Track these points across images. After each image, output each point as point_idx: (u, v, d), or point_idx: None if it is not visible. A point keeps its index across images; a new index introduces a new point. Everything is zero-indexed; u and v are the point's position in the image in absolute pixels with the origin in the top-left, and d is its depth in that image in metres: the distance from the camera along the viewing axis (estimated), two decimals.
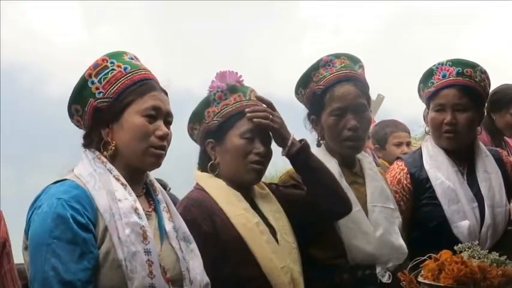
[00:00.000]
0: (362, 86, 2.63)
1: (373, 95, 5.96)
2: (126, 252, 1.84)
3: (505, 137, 4.70)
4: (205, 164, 2.43)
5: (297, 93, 2.72)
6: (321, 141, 2.68)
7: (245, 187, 2.39)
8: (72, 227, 1.83)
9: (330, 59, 2.64)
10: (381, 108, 6.06)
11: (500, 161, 2.94)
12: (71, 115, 2.07)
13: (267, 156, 2.39)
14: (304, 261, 2.42)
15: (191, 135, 2.51)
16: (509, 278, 2.05)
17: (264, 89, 2.58)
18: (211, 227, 2.26)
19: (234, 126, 2.37)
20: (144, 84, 2.02)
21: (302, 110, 2.73)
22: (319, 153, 2.64)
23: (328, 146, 2.65)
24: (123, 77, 2.01)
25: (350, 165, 2.66)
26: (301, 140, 2.43)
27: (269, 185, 2.52)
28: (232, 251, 2.26)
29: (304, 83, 2.67)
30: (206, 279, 2.06)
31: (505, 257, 2.14)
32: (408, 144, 4.83)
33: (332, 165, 2.58)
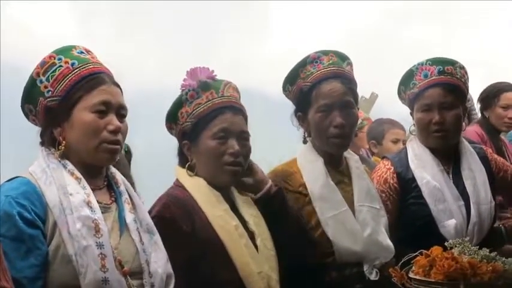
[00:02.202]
0: (349, 83, 2.61)
1: (366, 93, 6.01)
2: (76, 246, 1.82)
3: (502, 138, 4.75)
4: (184, 162, 2.39)
5: (284, 89, 2.70)
6: (307, 138, 2.66)
7: (224, 188, 2.36)
8: (18, 224, 1.80)
9: (317, 55, 2.62)
10: (374, 105, 6.09)
11: (485, 159, 2.95)
12: (26, 115, 2.05)
13: (243, 154, 2.34)
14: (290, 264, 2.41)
15: (170, 133, 2.46)
16: (499, 274, 2.07)
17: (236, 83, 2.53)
18: (190, 227, 2.22)
19: (206, 127, 2.32)
20: (93, 79, 1.98)
21: (279, 105, 2.71)
22: (306, 151, 2.64)
23: (315, 144, 2.64)
24: (70, 73, 1.97)
25: (336, 163, 2.65)
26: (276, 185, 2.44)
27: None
28: (210, 252, 2.22)
29: (292, 79, 2.65)
30: (169, 271, 2.03)
31: (495, 253, 2.15)
32: (404, 142, 4.85)
33: (318, 164, 2.58)
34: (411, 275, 2.13)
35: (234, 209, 2.35)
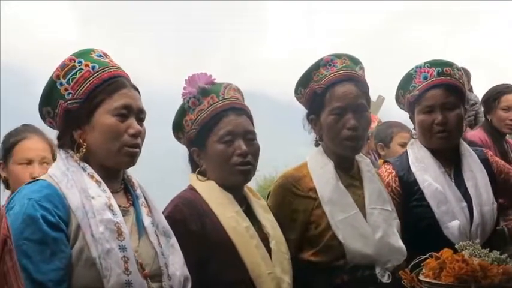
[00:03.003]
0: (362, 87, 2.62)
1: (372, 96, 6.00)
2: (100, 249, 1.83)
3: (509, 140, 4.74)
4: (195, 169, 2.42)
5: (296, 93, 2.70)
6: (319, 142, 2.67)
7: (236, 189, 2.38)
8: (42, 227, 1.81)
9: (330, 58, 2.63)
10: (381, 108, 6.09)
11: (486, 161, 2.95)
12: (43, 117, 2.06)
13: (252, 153, 2.37)
14: (302, 266, 2.43)
15: (179, 142, 2.50)
16: (510, 276, 2.07)
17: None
18: (200, 227, 2.25)
19: (211, 132, 2.36)
20: (113, 82, 1.99)
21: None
22: (317, 155, 2.64)
23: (327, 147, 2.64)
24: (91, 76, 1.98)
25: (347, 167, 2.65)
26: None
27: None
28: (220, 253, 2.25)
29: (304, 82, 2.66)
30: (186, 274, 2.05)
31: (506, 255, 2.15)
32: None
33: (328, 168, 2.59)
34: (421, 277, 2.14)
35: (250, 212, 2.38)
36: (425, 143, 2.89)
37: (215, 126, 2.35)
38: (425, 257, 2.18)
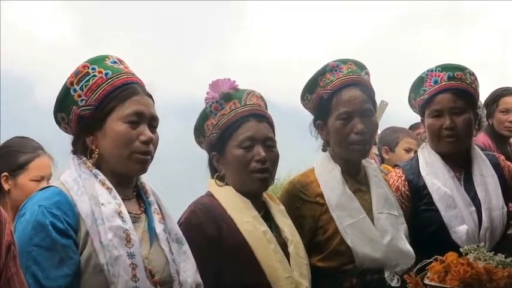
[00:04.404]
0: (369, 91, 2.64)
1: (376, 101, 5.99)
2: (108, 256, 1.84)
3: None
4: (214, 174, 2.45)
5: (303, 99, 2.72)
6: (327, 147, 2.68)
7: (254, 195, 2.40)
8: (51, 234, 1.83)
9: (336, 64, 2.65)
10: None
11: (497, 166, 2.95)
12: (58, 123, 2.08)
13: (271, 160, 2.38)
14: (311, 271, 2.43)
15: (200, 147, 2.52)
16: None
17: None
18: (216, 232, 2.26)
19: (231, 137, 2.37)
20: (126, 89, 2.00)
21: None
22: (324, 160, 2.66)
23: (334, 152, 2.65)
24: (104, 83, 2.00)
25: (354, 172, 2.66)
26: None
27: None
28: (237, 258, 2.26)
29: (311, 88, 2.68)
30: (198, 281, 2.06)
31: (511, 258, 2.14)
32: (415, 152, 4.86)
33: (335, 173, 2.60)
34: (426, 281, 2.13)
35: (269, 217, 2.40)
36: (434, 147, 2.89)
37: (235, 132, 2.37)
38: (430, 260, 2.18)
